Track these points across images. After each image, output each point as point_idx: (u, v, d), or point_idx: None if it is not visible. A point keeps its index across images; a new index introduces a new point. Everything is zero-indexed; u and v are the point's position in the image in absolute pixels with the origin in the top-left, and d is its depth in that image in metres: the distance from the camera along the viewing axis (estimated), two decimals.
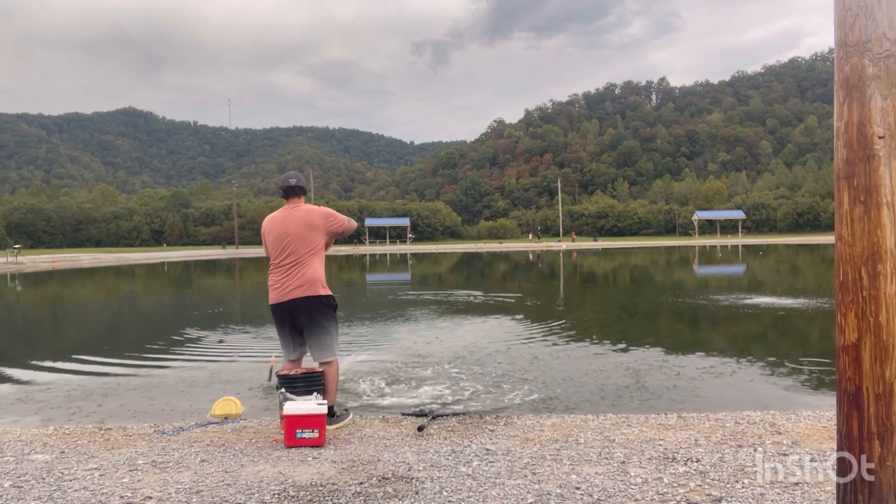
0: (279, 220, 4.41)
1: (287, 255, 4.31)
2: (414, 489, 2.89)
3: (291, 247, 4.30)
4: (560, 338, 8.40)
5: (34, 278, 29.07)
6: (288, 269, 4.32)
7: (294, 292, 4.28)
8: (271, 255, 4.43)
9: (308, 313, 4.31)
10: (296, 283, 4.28)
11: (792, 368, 6.23)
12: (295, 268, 4.31)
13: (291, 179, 4.50)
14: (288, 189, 4.49)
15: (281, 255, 4.35)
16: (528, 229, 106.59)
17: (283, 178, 4.54)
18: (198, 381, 6.20)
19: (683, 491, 2.77)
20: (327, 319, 4.35)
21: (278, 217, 4.45)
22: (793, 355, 6.87)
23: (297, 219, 4.35)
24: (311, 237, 4.36)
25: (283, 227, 4.36)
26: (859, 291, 1.67)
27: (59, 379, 6.46)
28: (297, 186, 4.49)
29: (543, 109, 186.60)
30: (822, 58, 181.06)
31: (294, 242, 4.31)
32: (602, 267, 30.50)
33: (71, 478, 3.19)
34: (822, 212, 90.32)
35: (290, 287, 4.28)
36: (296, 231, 4.33)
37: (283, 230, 4.35)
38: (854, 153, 1.68)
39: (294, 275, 4.29)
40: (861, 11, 1.67)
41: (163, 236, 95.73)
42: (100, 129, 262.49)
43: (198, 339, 8.82)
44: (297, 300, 4.29)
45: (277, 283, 4.34)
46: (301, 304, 4.30)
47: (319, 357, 4.34)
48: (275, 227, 4.40)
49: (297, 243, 4.30)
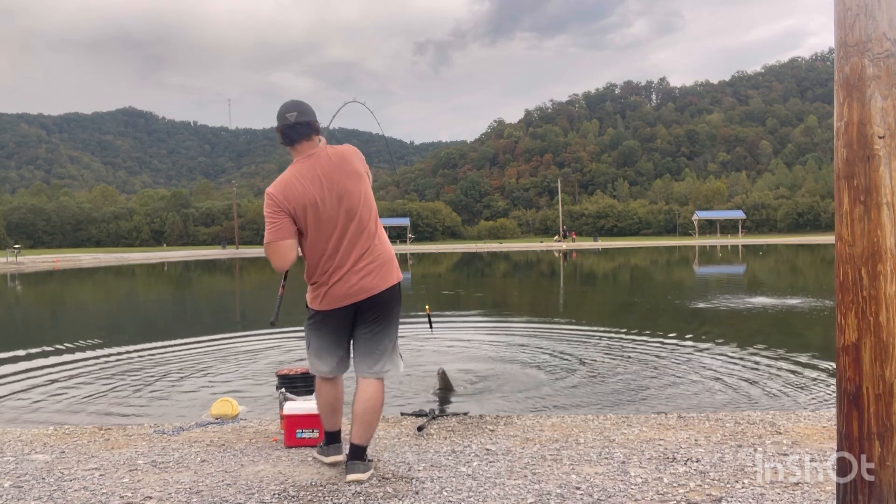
0: (307, 180, 2.89)
1: (340, 230, 2.91)
2: (414, 489, 2.89)
3: (346, 216, 2.91)
4: (560, 338, 8.40)
5: (34, 278, 29.07)
6: (349, 252, 2.92)
7: (374, 283, 2.95)
8: (310, 237, 2.94)
9: (388, 310, 3.06)
10: (373, 270, 2.95)
11: (792, 368, 6.23)
12: (361, 246, 2.94)
13: (291, 114, 2.96)
14: (289, 130, 2.96)
15: (328, 233, 2.91)
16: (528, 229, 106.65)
17: (280, 115, 2.98)
18: (198, 381, 6.20)
19: (683, 491, 2.77)
20: (395, 315, 3.15)
21: (301, 176, 2.90)
22: (793, 355, 6.87)
23: (335, 170, 2.92)
24: (366, 192, 2.99)
25: (319, 190, 2.88)
26: (859, 291, 1.67)
27: (58, 378, 6.46)
28: (303, 123, 2.95)
29: (543, 109, 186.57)
30: (823, 58, 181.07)
31: (350, 208, 2.91)
32: (602, 267, 30.51)
33: (71, 478, 3.19)
34: (822, 212, 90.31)
35: (366, 276, 2.94)
36: (345, 189, 2.91)
37: (320, 194, 2.88)
38: (854, 153, 1.68)
39: (366, 257, 2.94)
40: (861, 11, 1.67)
41: (163, 236, 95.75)
42: (100, 129, 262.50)
43: (198, 339, 8.82)
44: (378, 296, 2.98)
45: (338, 276, 2.92)
46: (383, 300, 3.01)
47: (383, 368, 3.11)
48: (305, 192, 2.88)
49: (354, 208, 2.91)
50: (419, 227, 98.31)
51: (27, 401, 5.57)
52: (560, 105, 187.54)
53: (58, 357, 7.76)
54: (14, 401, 5.59)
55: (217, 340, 8.69)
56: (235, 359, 7.34)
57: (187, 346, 8.28)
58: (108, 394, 5.74)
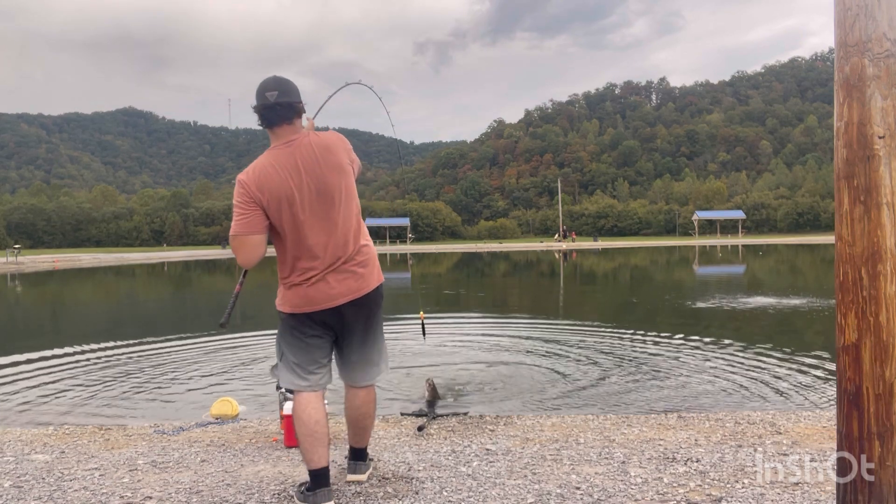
0: (285, 170, 2.58)
1: (319, 227, 2.62)
2: (414, 489, 2.89)
3: (326, 212, 2.62)
4: (560, 337, 8.40)
5: (34, 278, 29.07)
6: (331, 251, 2.64)
7: (358, 284, 2.69)
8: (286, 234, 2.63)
9: (376, 312, 2.83)
10: (357, 270, 2.70)
11: (792, 368, 6.23)
12: (343, 245, 2.66)
13: (271, 93, 2.60)
14: (267, 111, 2.61)
15: (306, 230, 2.61)
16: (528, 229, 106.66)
17: (259, 93, 2.63)
18: (198, 381, 6.20)
19: (683, 491, 2.77)
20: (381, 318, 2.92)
21: (278, 165, 2.59)
22: (793, 355, 6.87)
23: (317, 161, 2.61)
24: (349, 187, 2.70)
25: (297, 183, 2.58)
26: (859, 291, 1.67)
27: (59, 379, 6.46)
28: (284, 104, 2.61)
29: (543, 109, 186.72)
30: (823, 58, 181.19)
31: (331, 204, 2.63)
32: (602, 267, 30.51)
33: (71, 478, 3.19)
34: (822, 212, 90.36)
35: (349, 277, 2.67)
36: (326, 184, 2.61)
37: (298, 187, 2.58)
38: (854, 153, 1.68)
39: (349, 257, 2.67)
40: (861, 11, 1.67)
41: (163, 236, 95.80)
42: (100, 129, 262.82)
43: (198, 339, 8.82)
44: (364, 298, 2.72)
45: (318, 277, 2.63)
46: (370, 302, 2.76)
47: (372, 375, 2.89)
48: (282, 184, 2.57)
49: (335, 204, 2.64)
50: (419, 227, 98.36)
51: (27, 401, 5.57)
52: (560, 105, 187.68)
53: (58, 357, 7.76)
54: (14, 401, 5.59)
55: (217, 340, 8.68)
56: (235, 358, 7.33)
57: (187, 346, 8.28)
58: (108, 394, 5.74)
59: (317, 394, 2.72)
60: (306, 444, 2.64)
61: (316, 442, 2.63)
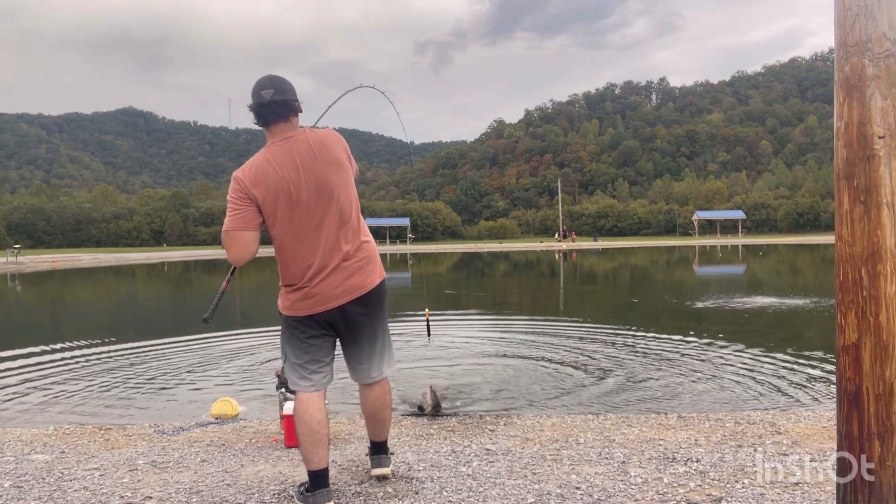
0: (282, 166, 2.57)
1: (319, 224, 2.60)
2: (414, 489, 2.89)
3: (325, 209, 2.60)
4: (560, 337, 8.39)
5: (34, 278, 29.07)
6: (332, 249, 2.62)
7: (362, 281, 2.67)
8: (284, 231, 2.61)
9: (381, 308, 2.81)
10: (360, 267, 2.67)
11: (792, 368, 6.23)
12: (344, 242, 2.64)
13: (266, 91, 2.60)
14: (263, 109, 2.61)
15: (306, 228, 2.60)
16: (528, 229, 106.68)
17: (255, 92, 2.63)
18: (198, 381, 6.20)
19: (683, 491, 2.77)
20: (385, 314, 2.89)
21: (274, 161, 2.58)
22: (793, 355, 6.87)
23: (315, 157, 2.60)
24: (348, 183, 2.69)
25: (295, 179, 2.57)
26: (859, 291, 1.67)
27: (58, 379, 6.46)
28: (279, 102, 2.61)
29: (543, 109, 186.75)
30: (823, 58, 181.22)
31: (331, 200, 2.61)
32: (602, 267, 30.51)
33: (71, 478, 3.19)
34: (822, 212, 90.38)
35: (353, 275, 2.65)
36: (325, 180, 2.60)
37: (296, 183, 2.57)
38: (854, 153, 1.68)
39: (350, 254, 2.65)
40: (861, 11, 1.67)
41: (163, 236, 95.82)
42: (100, 129, 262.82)
43: (198, 339, 8.82)
44: (369, 294, 2.70)
45: (321, 276, 2.61)
46: (375, 298, 2.74)
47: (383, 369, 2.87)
48: (279, 179, 2.56)
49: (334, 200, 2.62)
50: (419, 227, 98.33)
51: (27, 401, 5.57)
52: (560, 105, 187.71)
53: (58, 357, 7.76)
54: (14, 401, 5.59)
55: (217, 340, 8.68)
56: (235, 358, 7.34)
57: (187, 346, 8.28)
58: (109, 394, 5.74)
59: (318, 394, 2.73)
60: (307, 444, 2.65)
61: (317, 442, 2.65)
